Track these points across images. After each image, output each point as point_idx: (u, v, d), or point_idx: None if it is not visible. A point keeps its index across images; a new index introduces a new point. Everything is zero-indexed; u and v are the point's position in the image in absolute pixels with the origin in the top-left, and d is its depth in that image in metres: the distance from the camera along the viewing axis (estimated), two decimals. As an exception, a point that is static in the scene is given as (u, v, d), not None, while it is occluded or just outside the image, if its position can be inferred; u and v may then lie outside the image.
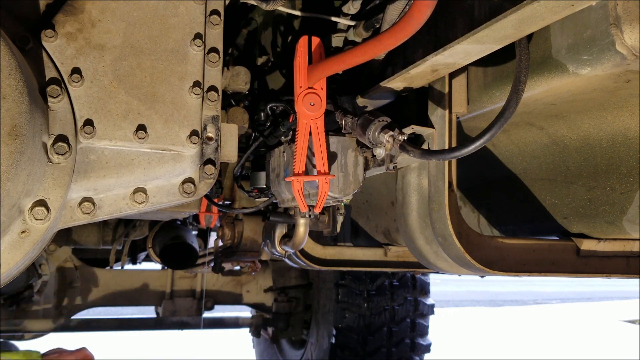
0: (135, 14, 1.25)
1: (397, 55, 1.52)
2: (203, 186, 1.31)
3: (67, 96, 1.17)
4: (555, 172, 1.99)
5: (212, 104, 1.30)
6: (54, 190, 1.15)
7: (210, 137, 1.31)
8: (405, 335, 4.18)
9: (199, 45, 1.27)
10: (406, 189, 1.83)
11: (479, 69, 1.65)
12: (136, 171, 1.24)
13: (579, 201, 1.94)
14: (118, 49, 1.22)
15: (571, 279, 2.02)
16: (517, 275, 1.81)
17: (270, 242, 2.18)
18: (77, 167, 1.18)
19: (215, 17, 1.32)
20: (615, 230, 1.86)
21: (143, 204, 1.26)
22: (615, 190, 1.80)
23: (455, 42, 1.24)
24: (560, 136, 1.85)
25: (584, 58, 1.30)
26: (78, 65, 1.19)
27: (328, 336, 4.08)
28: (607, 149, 1.76)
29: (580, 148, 1.84)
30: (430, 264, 1.89)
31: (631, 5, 1.19)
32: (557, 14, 1.07)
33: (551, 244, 1.88)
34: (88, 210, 1.21)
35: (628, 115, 1.62)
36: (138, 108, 1.22)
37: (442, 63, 1.39)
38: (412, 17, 1.20)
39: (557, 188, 2.01)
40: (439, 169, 1.68)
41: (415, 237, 1.84)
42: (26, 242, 1.14)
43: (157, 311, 4.91)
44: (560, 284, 17.44)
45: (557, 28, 1.36)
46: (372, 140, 1.51)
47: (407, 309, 4.17)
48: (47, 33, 1.17)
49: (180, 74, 1.27)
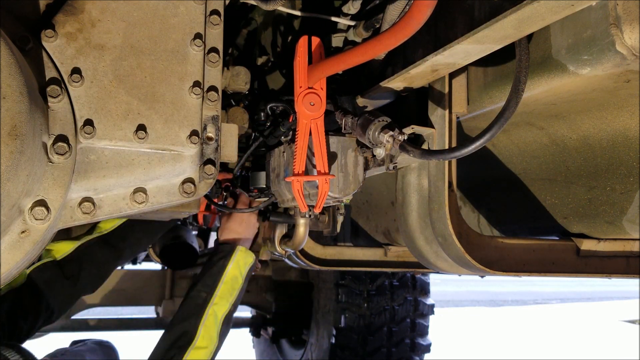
0: (135, 14, 1.24)
1: (397, 55, 1.52)
2: (203, 186, 1.31)
3: (67, 96, 1.17)
4: (555, 172, 1.99)
5: (212, 104, 1.30)
6: (54, 190, 1.15)
7: (210, 137, 1.31)
8: (405, 335, 4.18)
9: (199, 45, 1.27)
10: (406, 189, 1.83)
11: (479, 69, 1.65)
12: (136, 171, 1.24)
13: (579, 201, 1.94)
14: (118, 49, 1.22)
15: (571, 279, 2.02)
16: (517, 275, 1.82)
17: (270, 242, 2.18)
18: (77, 167, 1.18)
19: (215, 17, 1.32)
20: (615, 230, 1.86)
21: (143, 204, 1.26)
22: (615, 190, 1.80)
23: (455, 42, 1.24)
24: (560, 136, 1.85)
25: (584, 58, 1.30)
26: (78, 65, 1.19)
27: (328, 336, 4.08)
28: (607, 149, 1.76)
29: (580, 148, 1.84)
30: (430, 264, 1.89)
31: (631, 5, 1.19)
32: (557, 14, 1.07)
33: (551, 244, 1.88)
34: (88, 210, 1.21)
35: (628, 115, 1.62)
36: (138, 108, 1.22)
37: (442, 63, 1.39)
38: (412, 17, 1.20)
39: (557, 188, 2.01)
40: (439, 169, 1.68)
41: (415, 237, 1.84)
42: (26, 242, 1.14)
43: (157, 311, 4.91)
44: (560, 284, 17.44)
45: (557, 28, 1.36)
46: (372, 140, 1.51)
47: (407, 309, 4.17)
48: (47, 33, 1.17)
49: (180, 74, 1.27)
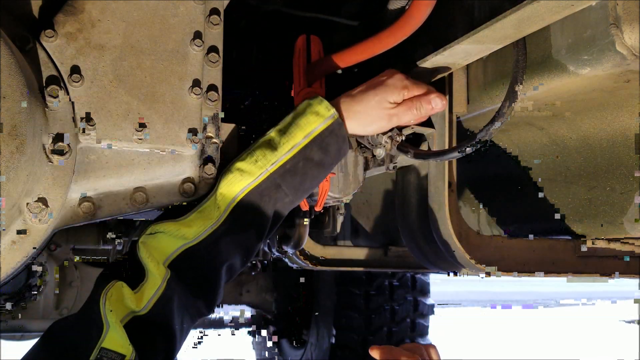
0: (135, 14, 1.24)
1: (396, 55, 1.52)
2: (203, 186, 1.31)
3: (67, 96, 1.17)
4: (555, 172, 1.99)
5: (212, 104, 1.30)
6: (54, 190, 1.15)
7: (210, 137, 1.31)
8: (405, 335, 4.18)
9: (199, 45, 1.27)
10: (406, 189, 1.83)
11: (479, 69, 1.65)
12: (136, 171, 1.24)
13: (579, 201, 1.94)
14: (118, 49, 1.22)
15: (571, 278, 2.02)
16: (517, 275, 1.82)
17: (270, 242, 2.18)
18: (77, 167, 1.18)
19: (215, 17, 1.32)
20: (615, 230, 1.86)
21: (143, 204, 1.26)
22: (615, 190, 1.80)
23: (455, 42, 1.24)
24: (560, 136, 1.85)
25: (584, 58, 1.30)
26: (78, 65, 1.19)
27: (328, 336, 4.08)
28: (607, 149, 1.76)
29: (580, 148, 1.84)
30: (430, 264, 1.89)
31: (631, 5, 1.19)
32: (557, 14, 1.07)
33: (551, 244, 1.88)
34: (88, 210, 1.21)
35: (628, 115, 1.62)
36: (138, 108, 1.22)
37: (442, 63, 1.39)
38: (412, 16, 1.20)
39: (557, 188, 2.01)
40: (439, 169, 1.68)
41: (415, 237, 1.84)
42: (26, 242, 1.14)
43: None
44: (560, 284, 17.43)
45: (557, 28, 1.36)
46: (370, 141, 1.52)
47: (407, 309, 4.17)
48: (47, 33, 1.17)
49: (180, 73, 1.26)
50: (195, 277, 1.19)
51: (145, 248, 1.16)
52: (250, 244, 1.25)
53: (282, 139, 1.26)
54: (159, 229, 1.19)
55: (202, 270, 1.20)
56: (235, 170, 1.23)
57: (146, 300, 1.13)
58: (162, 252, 1.16)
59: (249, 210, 1.22)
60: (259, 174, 1.23)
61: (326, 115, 1.28)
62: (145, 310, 1.12)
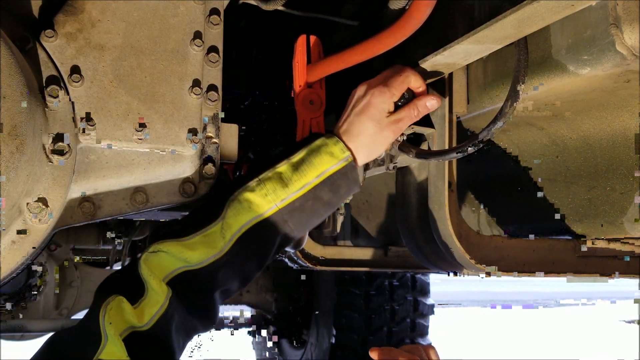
0: (135, 14, 1.25)
1: (396, 55, 1.52)
2: (203, 186, 1.31)
3: (67, 96, 1.17)
4: (555, 172, 1.99)
5: (212, 104, 1.30)
6: (54, 190, 1.15)
7: (210, 137, 1.31)
8: (405, 335, 4.18)
9: (198, 45, 1.27)
10: (406, 189, 1.83)
11: (479, 69, 1.65)
12: (136, 171, 1.24)
13: (579, 201, 1.94)
14: (118, 49, 1.22)
15: (571, 279, 2.02)
16: (517, 275, 1.81)
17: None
18: (77, 167, 1.18)
19: (215, 17, 1.32)
20: (615, 230, 1.86)
21: (143, 204, 1.26)
22: (615, 190, 1.80)
23: (455, 42, 1.24)
24: (560, 136, 1.86)
25: (584, 58, 1.30)
26: (78, 65, 1.19)
27: (328, 336, 4.08)
28: (607, 149, 1.76)
29: (580, 148, 1.84)
30: (430, 264, 1.89)
31: (631, 5, 1.19)
32: (557, 14, 1.07)
33: (551, 244, 1.88)
34: (88, 211, 1.21)
35: (628, 115, 1.62)
36: (138, 108, 1.22)
37: (442, 63, 1.39)
38: (412, 16, 1.20)
39: (557, 188, 2.01)
40: (439, 169, 1.68)
41: (415, 237, 1.84)
42: (26, 242, 1.14)
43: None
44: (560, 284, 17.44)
45: (557, 28, 1.36)
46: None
47: (407, 309, 4.17)
48: (47, 33, 1.17)
49: (180, 73, 1.27)
50: (193, 298, 1.19)
51: (147, 266, 1.16)
52: (250, 272, 1.26)
53: (293, 176, 1.25)
54: (162, 249, 1.18)
55: (199, 292, 1.21)
56: (244, 201, 1.23)
57: (148, 316, 1.12)
58: (163, 270, 1.17)
59: (253, 241, 1.23)
60: (268, 209, 1.23)
61: (340, 157, 1.28)
62: (148, 326, 1.12)
